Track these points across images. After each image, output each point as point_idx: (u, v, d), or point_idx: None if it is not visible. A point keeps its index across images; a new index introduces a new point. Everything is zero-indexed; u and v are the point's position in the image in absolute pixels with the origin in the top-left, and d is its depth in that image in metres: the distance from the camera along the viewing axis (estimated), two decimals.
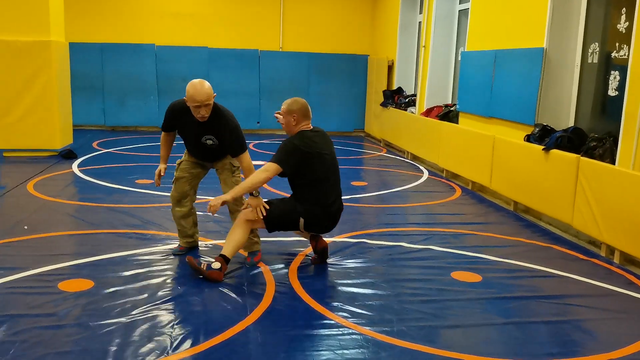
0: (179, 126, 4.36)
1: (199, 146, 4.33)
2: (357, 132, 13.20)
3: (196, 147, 4.37)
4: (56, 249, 4.67)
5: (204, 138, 4.26)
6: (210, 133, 4.24)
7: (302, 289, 3.98)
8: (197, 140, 4.30)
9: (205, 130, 4.23)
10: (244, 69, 12.31)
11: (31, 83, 8.37)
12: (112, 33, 12.06)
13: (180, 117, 4.29)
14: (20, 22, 8.28)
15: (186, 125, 4.28)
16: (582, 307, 3.86)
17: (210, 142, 4.28)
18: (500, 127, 7.15)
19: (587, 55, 6.08)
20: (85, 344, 3.11)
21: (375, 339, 3.30)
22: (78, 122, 11.17)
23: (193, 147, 4.41)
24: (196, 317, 3.51)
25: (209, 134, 4.24)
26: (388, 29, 11.91)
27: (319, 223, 4.31)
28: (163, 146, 4.55)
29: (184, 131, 4.37)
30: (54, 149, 8.65)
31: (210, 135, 4.24)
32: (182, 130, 4.38)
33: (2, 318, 3.36)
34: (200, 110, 4.06)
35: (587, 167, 5.10)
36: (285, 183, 4.48)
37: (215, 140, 4.26)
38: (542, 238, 5.44)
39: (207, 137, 4.25)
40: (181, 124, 4.32)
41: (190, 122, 4.23)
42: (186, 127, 4.30)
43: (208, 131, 4.24)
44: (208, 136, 4.25)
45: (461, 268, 4.52)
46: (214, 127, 4.22)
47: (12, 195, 6.29)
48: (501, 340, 3.37)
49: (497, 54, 7.19)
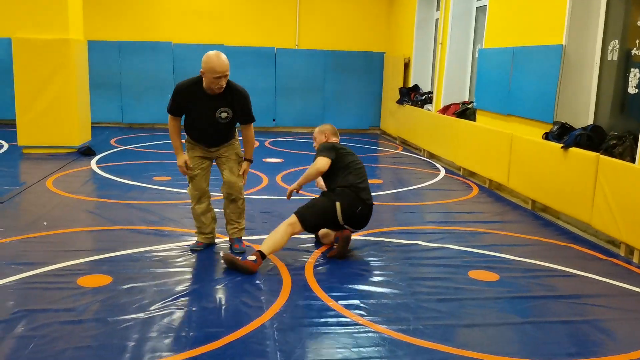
0: (190, 106, 4.28)
1: (212, 124, 4.31)
2: (372, 130, 13.17)
3: (208, 125, 4.33)
4: (75, 244, 4.73)
5: (219, 111, 4.26)
6: (225, 105, 4.27)
7: (319, 286, 3.99)
8: (210, 117, 4.27)
9: (220, 103, 4.25)
10: (260, 67, 12.33)
11: (50, 81, 8.47)
12: (129, 31, 12.15)
13: (190, 96, 4.25)
14: (40, 20, 8.37)
15: (198, 102, 4.24)
16: (600, 307, 3.82)
17: (225, 115, 4.29)
18: (518, 125, 7.09)
19: (607, 53, 6.00)
20: (103, 339, 3.14)
21: (392, 337, 3.29)
22: (96, 119, 11.29)
23: (204, 126, 4.35)
24: (213, 314, 3.53)
25: (224, 106, 4.26)
26: (404, 26, 11.85)
27: (353, 205, 4.53)
28: (175, 135, 4.46)
29: (195, 109, 4.28)
30: (72, 146, 8.74)
31: (225, 107, 4.27)
32: (193, 109, 4.29)
33: (22, 313, 3.40)
34: (221, 80, 4.11)
35: (607, 165, 5.04)
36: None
37: (229, 112, 4.29)
38: (561, 237, 5.39)
39: (222, 110, 4.27)
40: (192, 102, 4.26)
41: (202, 97, 4.22)
42: (198, 104, 4.25)
43: (222, 103, 4.26)
44: (223, 109, 4.27)
45: (478, 267, 4.49)
46: (227, 98, 4.27)
47: (31, 192, 6.37)
48: (518, 340, 3.35)
49: (515, 51, 7.12)
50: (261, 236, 5.02)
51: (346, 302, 3.75)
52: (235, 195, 4.56)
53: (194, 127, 4.40)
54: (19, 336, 3.13)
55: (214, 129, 4.37)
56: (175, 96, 4.29)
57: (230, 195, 4.56)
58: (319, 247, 4.83)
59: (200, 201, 4.54)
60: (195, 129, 4.41)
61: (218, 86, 4.14)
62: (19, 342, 3.07)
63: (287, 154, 9.50)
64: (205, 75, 4.11)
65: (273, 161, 8.80)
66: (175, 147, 4.45)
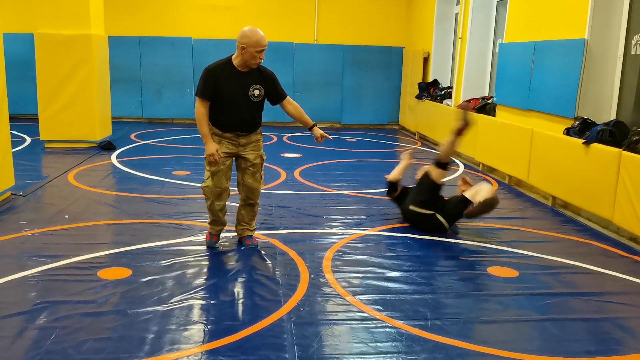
0: (222, 86, 4.19)
1: (245, 103, 4.25)
2: (391, 125, 13.12)
3: (241, 105, 4.25)
4: (95, 237, 4.78)
5: (252, 88, 4.24)
6: (257, 82, 4.27)
7: (336, 280, 3.99)
8: (244, 95, 4.23)
9: (252, 80, 4.25)
10: (278, 62, 12.31)
11: (72, 76, 8.56)
12: (150, 27, 12.24)
13: (222, 75, 4.20)
14: (62, 16, 8.46)
15: (230, 81, 4.20)
16: (621, 305, 3.77)
17: (258, 93, 4.26)
18: (539, 120, 7.01)
19: (630, 47, 5.90)
20: (123, 331, 3.18)
21: (409, 332, 3.29)
22: (116, 114, 11.39)
23: (237, 108, 4.24)
24: (231, 307, 3.55)
25: (256, 82, 4.26)
26: (424, 21, 11.77)
27: None
28: (205, 122, 4.24)
29: (227, 89, 4.20)
30: (93, 141, 8.84)
31: (257, 84, 4.26)
32: (225, 90, 4.20)
33: (44, 304, 3.46)
34: (262, 54, 4.14)
35: (629, 161, 4.97)
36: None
37: (261, 89, 4.28)
38: (581, 234, 5.33)
39: (255, 87, 4.25)
40: (224, 82, 4.19)
41: (234, 76, 4.21)
42: (231, 83, 4.20)
43: (255, 80, 4.26)
44: (256, 85, 4.25)
45: (498, 263, 4.46)
46: (257, 76, 4.28)
47: (53, 185, 6.46)
48: (538, 337, 3.32)
49: (536, 46, 7.04)
50: (279, 231, 5.04)
51: (364, 297, 3.75)
52: (254, 200, 4.55)
53: (224, 111, 4.25)
54: (41, 327, 3.18)
55: (246, 110, 4.27)
56: (206, 77, 4.19)
57: (249, 199, 4.53)
58: (336, 242, 4.82)
59: (221, 198, 4.44)
60: (226, 113, 4.26)
61: (258, 60, 4.15)
62: (40, 332, 3.12)
63: (305, 149, 9.51)
64: (248, 49, 4.08)
65: (291, 156, 8.81)
66: (204, 134, 4.24)
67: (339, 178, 7.31)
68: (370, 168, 8.19)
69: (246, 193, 4.50)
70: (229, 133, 4.31)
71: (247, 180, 4.44)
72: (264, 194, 6.25)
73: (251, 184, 4.45)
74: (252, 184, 4.46)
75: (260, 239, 4.80)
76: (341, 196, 6.39)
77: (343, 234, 5.02)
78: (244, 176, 4.45)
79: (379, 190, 6.69)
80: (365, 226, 5.28)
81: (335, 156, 8.94)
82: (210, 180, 4.35)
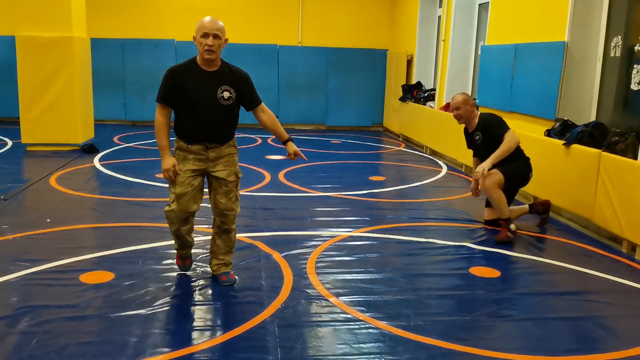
0: (185, 89, 3.63)
1: (213, 108, 3.67)
2: (375, 127, 13.17)
3: (208, 110, 3.67)
4: (78, 241, 4.75)
5: (220, 90, 3.67)
6: (226, 83, 3.70)
7: (320, 282, 4.00)
8: (211, 97, 3.66)
9: (220, 80, 3.69)
10: (263, 64, 12.33)
11: (54, 78, 8.49)
12: (132, 29, 12.16)
13: (185, 76, 3.65)
14: (43, 18, 8.39)
15: (195, 82, 3.65)
16: (602, 304, 3.83)
17: (227, 95, 3.68)
18: (520, 122, 7.08)
19: (610, 49, 5.99)
20: (105, 335, 3.16)
21: (392, 333, 3.31)
22: (99, 116, 11.30)
23: (204, 112, 3.66)
24: (214, 310, 3.55)
25: (225, 83, 3.70)
26: (407, 23, 11.84)
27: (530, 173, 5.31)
28: (164, 133, 3.70)
29: (192, 93, 3.64)
30: (75, 144, 8.77)
31: (227, 85, 3.70)
32: (190, 92, 3.64)
33: (25, 309, 3.43)
34: (208, 40, 3.55)
35: (609, 162, 5.04)
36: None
37: (232, 92, 3.70)
38: (562, 233, 5.39)
39: (224, 88, 3.68)
40: (188, 84, 3.64)
41: (200, 76, 3.66)
42: (195, 84, 3.65)
43: (223, 80, 3.70)
44: (225, 86, 3.69)
45: (479, 263, 4.50)
46: (228, 76, 3.73)
47: (35, 189, 6.40)
48: (519, 336, 3.35)
49: (517, 48, 7.11)
50: (263, 233, 5.04)
51: (347, 298, 3.76)
52: (229, 225, 3.91)
53: (189, 118, 3.68)
54: (22, 332, 3.15)
55: (214, 115, 3.68)
56: (167, 80, 3.64)
57: (224, 224, 3.90)
58: (320, 244, 4.83)
59: (188, 222, 3.85)
60: (192, 120, 3.68)
61: (206, 47, 3.55)
62: (22, 337, 3.09)
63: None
64: (196, 38, 3.60)
65: (275, 158, 8.81)
66: (162, 146, 3.70)
67: (324, 180, 7.32)
68: (355, 170, 8.22)
69: (220, 217, 3.89)
70: (195, 145, 3.71)
71: (220, 202, 3.83)
72: (248, 196, 6.26)
73: (225, 205, 3.83)
74: (225, 206, 3.83)
75: (244, 241, 4.79)
76: (326, 198, 6.41)
77: (327, 236, 5.03)
78: (216, 196, 3.83)
79: (364, 192, 6.72)
80: (349, 228, 5.30)
81: (320, 158, 8.96)
82: (175, 204, 3.71)
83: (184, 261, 4.10)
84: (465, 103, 5.21)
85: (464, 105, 5.22)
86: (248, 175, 7.42)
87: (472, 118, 5.32)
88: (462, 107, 5.23)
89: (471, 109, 5.27)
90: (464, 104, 5.22)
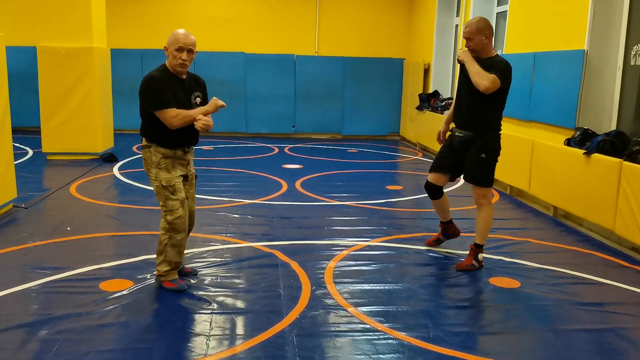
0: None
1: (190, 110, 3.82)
2: (392, 136, 13.15)
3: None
4: (97, 249, 4.79)
5: (194, 96, 3.88)
6: (197, 89, 3.93)
7: (338, 292, 3.99)
8: (187, 103, 3.83)
9: (192, 87, 3.89)
10: (279, 74, 12.39)
11: (74, 88, 8.60)
12: (151, 39, 12.30)
13: (167, 83, 3.75)
14: (64, 29, 8.53)
15: (174, 89, 3.77)
16: (624, 315, 3.77)
17: (200, 100, 3.91)
18: (539, 131, 7.03)
19: (630, 57, 5.93)
20: (125, 343, 3.18)
21: (411, 344, 3.28)
22: (118, 126, 11.41)
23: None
24: (233, 319, 3.55)
25: (196, 90, 3.92)
26: (424, 32, 11.83)
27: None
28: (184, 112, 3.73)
29: (175, 99, 3.78)
30: (95, 153, 8.86)
31: (198, 91, 3.92)
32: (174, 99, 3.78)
33: (46, 317, 3.46)
34: (183, 54, 3.69)
35: (630, 171, 4.98)
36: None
37: (201, 97, 3.93)
38: (583, 244, 5.33)
39: (196, 94, 3.90)
40: (170, 90, 3.75)
41: (175, 83, 3.79)
42: (175, 91, 3.77)
43: (194, 87, 3.91)
44: (196, 92, 3.91)
45: (499, 274, 4.45)
46: (195, 83, 3.94)
47: (55, 197, 6.47)
48: (540, 348, 3.31)
49: (536, 57, 7.07)
50: (280, 242, 5.04)
51: (366, 308, 3.74)
52: (193, 225, 4.17)
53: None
54: (43, 339, 3.18)
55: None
56: (158, 86, 3.71)
57: (190, 226, 4.11)
58: (338, 254, 4.82)
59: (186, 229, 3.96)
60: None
61: (180, 61, 3.69)
62: (42, 345, 3.12)
63: (306, 160, 9.53)
64: (168, 49, 3.73)
65: (292, 167, 8.83)
66: (190, 115, 3.74)
67: (341, 189, 7.32)
68: (372, 179, 8.20)
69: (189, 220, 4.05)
70: (179, 150, 3.86)
71: (189, 205, 4.02)
72: (265, 205, 6.28)
73: (192, 207, 4.07)
74: (192, 207, 4.08)
75: (262, 250, 4.80)
76: (343, 207, 6.40)
77: (345, 245, 5.02)
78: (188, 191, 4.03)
79: (381, 201, 6.70)
80: (367, 237, 5.28)
81: (337, 167, 8.96)
82: (182, 210, 3.83)
83: (177, 280, 3.98)
84: (480, 32, 4.20)
85: (477, 36, 4.21)
86: (265, 184, 7.44)
87: (486, 53, 4.31)
88: (475, 38, 4.23)
89: (486, 40, 4.24)
90: (477, 34, 4.21)
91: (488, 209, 4.57)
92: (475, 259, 4.50)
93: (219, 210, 5.93)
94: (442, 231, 5.00)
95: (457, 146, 4.58)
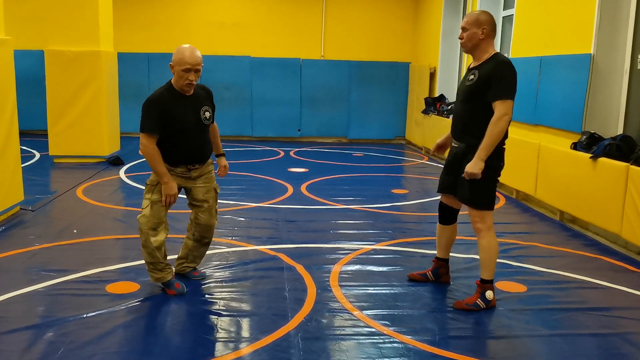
0: (171, 116, 3.69)
1: (198, 129, 3.80)
2: (397, 140, 13.14)
3: (195, 133, 3.79)
4: (103, 252, 4.81)
5: (202, 111, 3.82)
6: (205, 103, 3.88)
7: (344, 295, 3.98)
8: (195, 120, 3.79)
9: (199, 102, 3.84)
10: (285, 78, 12.42)
11: (81, 92, 8.65)
12: (158, 43, 12.36)
13: (167, 102, 3.70)
14: (71, 33, 8.58)
15: (178, 107, 3.72)
16: (631, 320, 3.75)
17: (209, 115, 3.87)
18: (546, 135, 7.01)
19: (637, 61, 5.91)
20: (131, 346, 3.19)
21: (417, 347, 3.27)
22: (125, 129, 11.47)
23: (191, 135, 3.77)
24: (238, 322, 3.55)
25: (205, 104, 3.87)
26: (430, 36, 11.84)
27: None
28: (159, 157, 3.72)
29: (177, 117, 3.71)
30: (102, 156, 8.90)
31: (206, 105, 3.88)
32: (174, 118, 3.70)
33: (52, 319, 3.47)
34: (190, 75, 3.65)
35: (637, 175, 4.96)
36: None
37: (210, 110, 3.90)
38: (590, 248, 5.30)
39: (205, 109, 3.85)
40: (172, 111, 3.70)
41: (181, 100, 3.74)
42: (179, 109, 3.72)
43: (202, 102, 3.86)
44: (205, 107, 3.86)
45: (506, 278, 4.44)
46: (202, 96, 3.89)
47: (62, 200, 6.50)
48: (547, 352, 3.30)
49: (542, 61, 7.06)
50: (286, 245, 5.04)
51: (371, 312, 3.74)
52: (209, 238, 4.12)
53: (177, 143, 3.76)
54: (49, 341, 3.19)
55: (200, 136, 3.84)
56: (151, 109, 3.66)
57: (205, 238, 4.09)
58: (343, 257, 4.82)
59: (156, 232, 3.79)
60: (179, 144, 3.76)
61: (187, 82, 3.67)
62: (48, 347, 3.13)
63: (312, 164, 9.54)
64: (174, 68, 3.68)
65: (298, 171, 8.83)
66: (162, 172, 3.72)
67: (346, 192, 7.32)
68: (377, 182, 8.20)
69: (200, 232, 4.05)
70: (180, 167, 3.85)
71: (202, 218, 4.00)
72: (270, 208, 6.28)
73: (207, 221, 4.02)
74: (208, 221, 4.02)
75: (267, 253, 4.81)
76: (348, 211, 6.40)
77: (350, 249, 5.02)
78: (198, 213, 4.00)
79: (386, 205, 6.70)
80: (372, 241, 5.28)
81: (342, 171, 8.96)
82: (148, 210, 3.78)
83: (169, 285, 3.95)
84: (477, 24, 3.65)
85: (472, 27, 3.66)
86: (271, 188, 7.45)
87: (478, 47, 3.71)
88: (469, 29, 3.68)
89: (482, 36, 3.66)
90: (474, 25, 3.66)
91: (487, 236, 3.83)
92: (482, 298, 3.80)
93: (225, 214, 5.94)
94: (433, 268, 4.29)
95: (451, 159, 3.97)
